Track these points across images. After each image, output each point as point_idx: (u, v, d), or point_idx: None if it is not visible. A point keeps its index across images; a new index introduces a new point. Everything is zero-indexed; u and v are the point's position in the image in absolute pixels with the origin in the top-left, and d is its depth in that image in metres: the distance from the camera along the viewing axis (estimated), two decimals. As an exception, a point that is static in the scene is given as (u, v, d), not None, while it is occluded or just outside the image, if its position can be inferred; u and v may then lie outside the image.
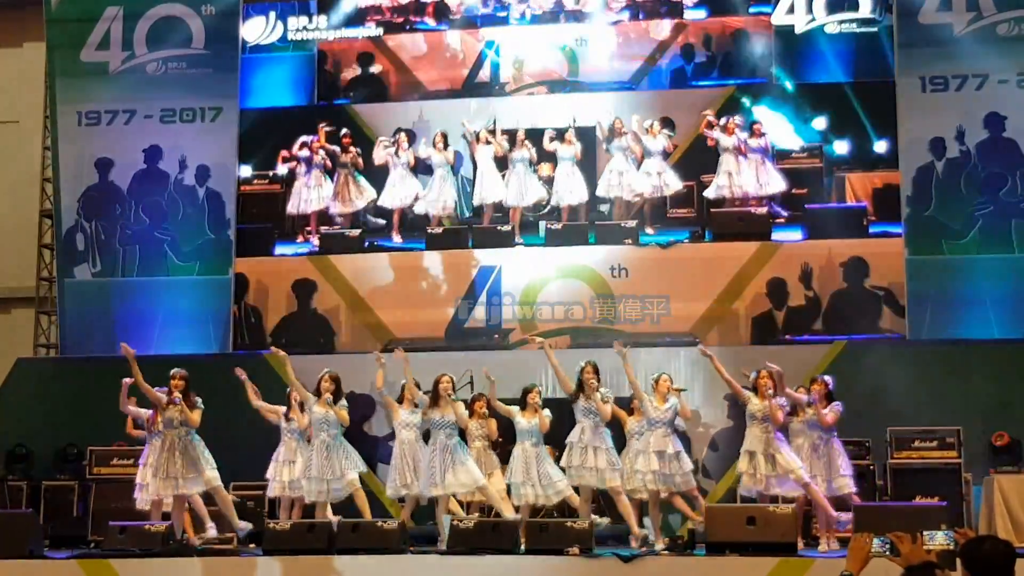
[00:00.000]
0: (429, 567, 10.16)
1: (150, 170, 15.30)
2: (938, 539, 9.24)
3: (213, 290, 14.86)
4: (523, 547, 10.09)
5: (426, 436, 11.04)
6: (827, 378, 10.92)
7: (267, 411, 11.62)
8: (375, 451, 13.56)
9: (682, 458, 10.71)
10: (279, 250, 15.30)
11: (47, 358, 15.58)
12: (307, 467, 10.85)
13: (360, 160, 15.18)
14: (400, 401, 11.10)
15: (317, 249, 15.10)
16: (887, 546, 5.25)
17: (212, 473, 10.82)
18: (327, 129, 15.31)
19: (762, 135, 14.46)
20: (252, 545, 11.27)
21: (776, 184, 14.49)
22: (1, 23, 17.17)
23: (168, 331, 14.69)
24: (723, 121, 14.54)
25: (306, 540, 10.33)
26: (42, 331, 16.06)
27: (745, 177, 14.40)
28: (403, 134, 15.21)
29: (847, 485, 10.60)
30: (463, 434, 10.99)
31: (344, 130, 15.33)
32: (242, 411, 11.85)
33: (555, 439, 11.03)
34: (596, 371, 10.71)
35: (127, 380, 11.10)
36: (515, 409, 10.86)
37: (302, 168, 15.31)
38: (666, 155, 14.70)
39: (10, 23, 17.12)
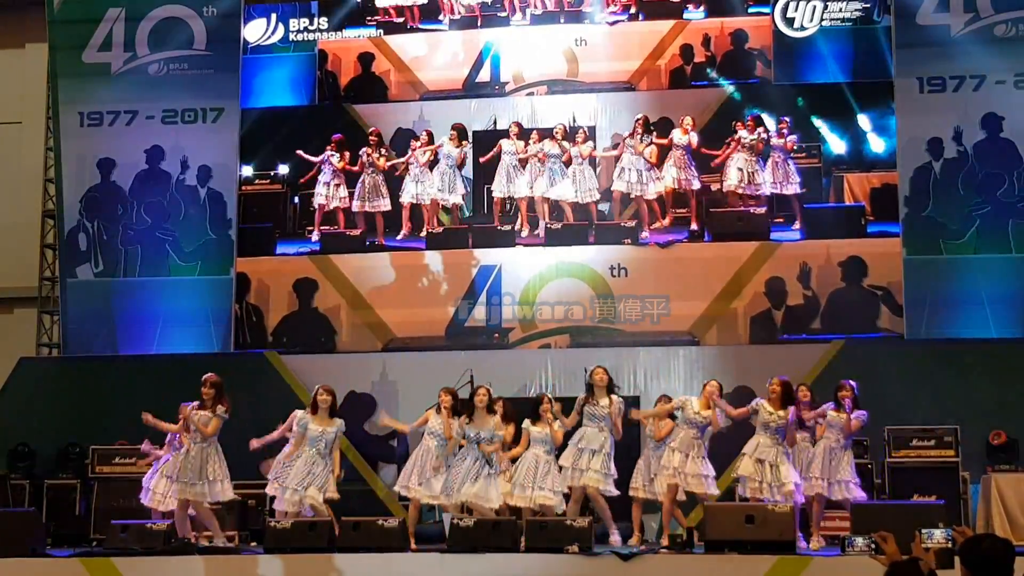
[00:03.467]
0: (429, 565, 10.21)
1: (152, 170, 15.36)
2: (936, 537, 9.31)
3: (214, 289, 14.92)
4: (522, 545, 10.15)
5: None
6: (853, 383, 10.89)
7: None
8: (377, 450, 13.64)
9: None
10: (280, 249, 15.34)
11: (49, 358, 15.62)
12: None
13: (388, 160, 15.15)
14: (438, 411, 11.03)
15: (318, 248, 15.15)
16: (872, 546, 5.33)
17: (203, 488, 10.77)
18: (374, 138, 15.22)
19: (786, 134, 14.47)
20: (253, 543, 11.33)
21: (794, 185, 14.50)
22: (3, 24, 17.20)
23: (170, 330, 14.75)
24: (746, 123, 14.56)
25: (307, 538, 10.35)
26: (44, 331, 16.11)
27: (760, 176, 14.39)
28: (425, 134, 15.19)
29: (854, 491, 10.66)
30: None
31: (371, 128, 15.30)
32: (243, 411, 11.89)
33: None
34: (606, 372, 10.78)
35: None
36: (527, 422, 10.88)
37: (327, 167, 15.23)
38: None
39: (12, 24, 17.15)
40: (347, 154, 15.09)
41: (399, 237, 15.13)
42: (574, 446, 10.74)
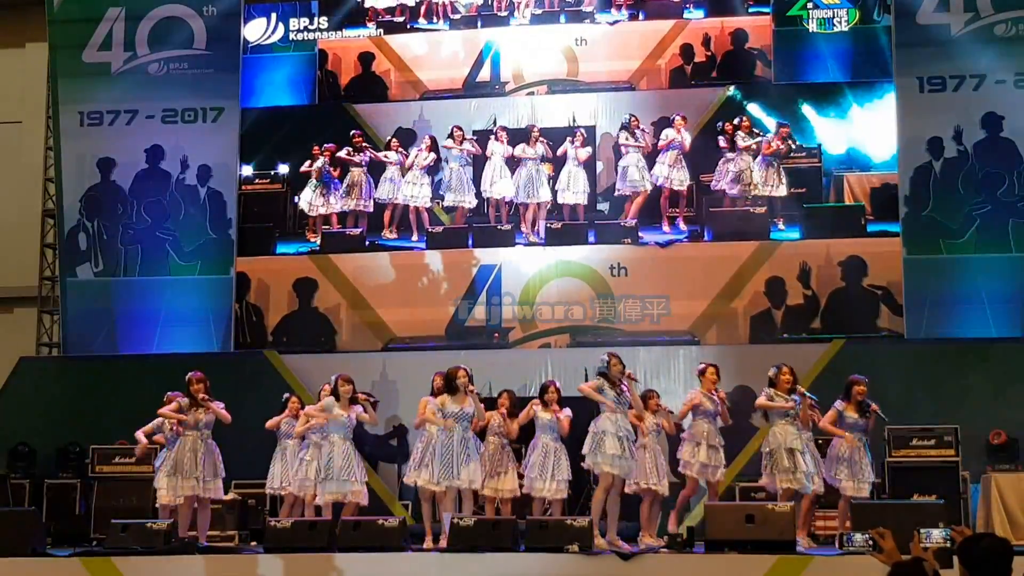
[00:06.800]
0: (429, 565, 10.20)
1: (152, 170, 15.37)
2: (935, 537, 9.31)
3: (214, 289, 14.93)
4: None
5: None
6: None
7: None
8: (375, 450, 13.63)
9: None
10: (280, 249, 15.34)
11: (49, 357, 15.62)
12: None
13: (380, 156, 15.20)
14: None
15: (318, 248, 15.15)
16: (870, 543, 5.31)
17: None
18: (358, 138, 15.25)
19: (787, 138, 14.47)
20: (253, 543, 11.33)
21: (783, 186, 14.52)
22: (3, 23, 17.20)
23: (170, 330, 14.76)
24: (736, 122, 14.57)
25: (307, 538, 10.36)
26: (44, 330, 16.10)
27: (757, 177, 14.44)
28: (428, 136, 15.23)
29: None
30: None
31: (354, 131, 15.34)
32: (242, 410, 11.89)
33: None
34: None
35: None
36: (536, 406, 10.83)
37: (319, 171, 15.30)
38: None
39: (12, 23, 17.15)
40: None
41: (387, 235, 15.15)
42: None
